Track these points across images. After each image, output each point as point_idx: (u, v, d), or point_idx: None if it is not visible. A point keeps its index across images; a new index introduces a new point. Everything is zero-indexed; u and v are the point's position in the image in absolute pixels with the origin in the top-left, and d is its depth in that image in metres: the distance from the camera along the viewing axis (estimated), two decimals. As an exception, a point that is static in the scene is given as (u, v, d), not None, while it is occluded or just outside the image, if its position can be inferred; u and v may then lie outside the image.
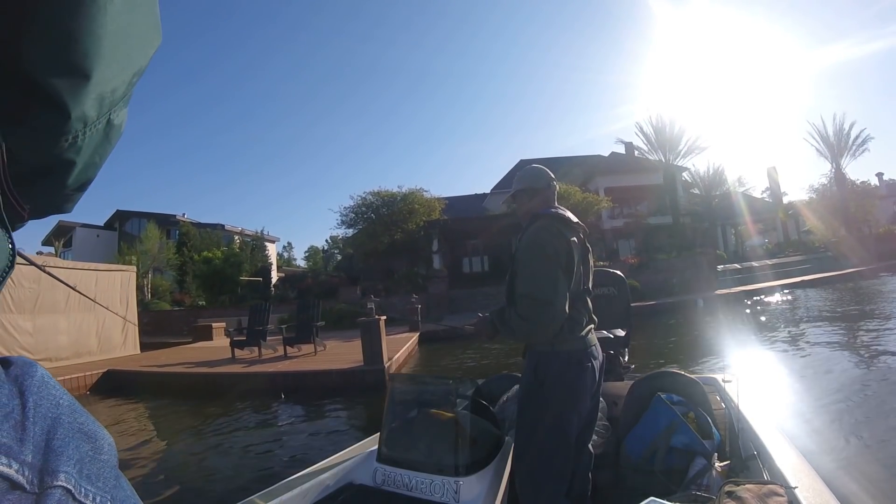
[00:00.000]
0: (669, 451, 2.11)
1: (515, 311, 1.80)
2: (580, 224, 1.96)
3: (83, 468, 0.33)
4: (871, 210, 29.97)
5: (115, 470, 0.36)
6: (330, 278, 24.51)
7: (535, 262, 1.80)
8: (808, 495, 1.45)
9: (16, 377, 0.33)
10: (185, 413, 6.64)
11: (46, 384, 0.34)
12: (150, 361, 9.87)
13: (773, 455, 1.78)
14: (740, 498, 1.41)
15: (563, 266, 1.79)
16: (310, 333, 9.38)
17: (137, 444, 5.24)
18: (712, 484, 1.86)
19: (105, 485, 0.34)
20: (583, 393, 1.83)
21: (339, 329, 14.28)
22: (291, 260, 59.20)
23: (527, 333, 1.82)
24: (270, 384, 7.38)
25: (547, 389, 1.80)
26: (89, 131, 0.34)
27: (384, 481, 1.85)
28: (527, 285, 1.78)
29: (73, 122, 0.33)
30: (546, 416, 1.80)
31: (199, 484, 4.02)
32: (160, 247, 27.86)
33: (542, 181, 2.02)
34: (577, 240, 1.90)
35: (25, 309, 9.28)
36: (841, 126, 28.79)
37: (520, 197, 2.06)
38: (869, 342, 7.77)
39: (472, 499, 1.71)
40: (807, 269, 21.56)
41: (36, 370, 0.35)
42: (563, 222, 1.89)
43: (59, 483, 0.30)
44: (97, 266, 12.09)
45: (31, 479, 0.29)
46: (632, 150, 30.06)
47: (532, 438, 1.84)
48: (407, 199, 22.51)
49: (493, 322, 1.92)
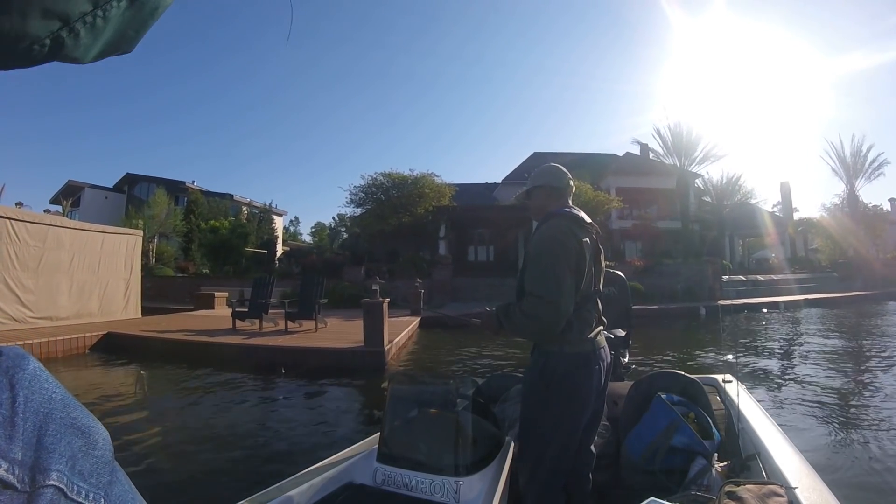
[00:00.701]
0: (670, 451, 2.12)
1: (520, 308, 1.81)
2: (593, 225, 1.96)
3: (76, 464, 0.32)
4: (880, 234, 29.79)
5: (111, 465, 0.35)
6: (335, 256, 24.58)
7: (544, 260, 1.81)
8: (808, 495, 1.45)
9: (6, 369, 0.32)
10: (182, 380, 6.68)
11: (39, 378, 0.33)
12: (150, 326, 9.94)
13: (773, 455, 1.78)
14: (740, 498, 1.41)
15: (573, 266, 1.79)
16: (312, 310, 9.41)
17: (132, 410, 5.25)
18: (712, 484, 1.87)
19: (98, 481, 0.33)
20: (588, 395, 1.83)
21: (342, 308, 14.35)
22: (297, 234, 59.16)
23: (530, 331, 1.84)
24: (270, 358, 7.43)
25: (552, 390, 1.81)
26: (85, 24, 0.31)
27: (384, 481, 1.85)
28: (534, 283, 1.80)
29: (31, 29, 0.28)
30: (549, 415, 1.82)
31: (188, 450, 4.03)
32: (167, 213, 27.96)
33: (561, 180, 2.02)
34: (590, 241, 1.90)
35: (29, 267, 9.33)
36: (858, 148, 28.70)
37: (536, 193, 2.06)
38: (869, 351, 7.82)
39: (472, 499, 1.71)
40: (812, 288, 21.49)
41: (28, 363, 0.33)
42: (576, 222, 1.90)
43: (51, 482, 0.30)
44: (104, 228, 12.15)
45: (21, 478, 0.28)
46: (647, 153, 29.86)
47: (534, 437, 1.87)
48: (418, 182, 22.36)
49: (499, 317, 1.92)
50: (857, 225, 28.01)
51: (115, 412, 5.05)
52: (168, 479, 3.44)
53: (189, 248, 27.99)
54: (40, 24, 0.29)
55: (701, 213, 28.63)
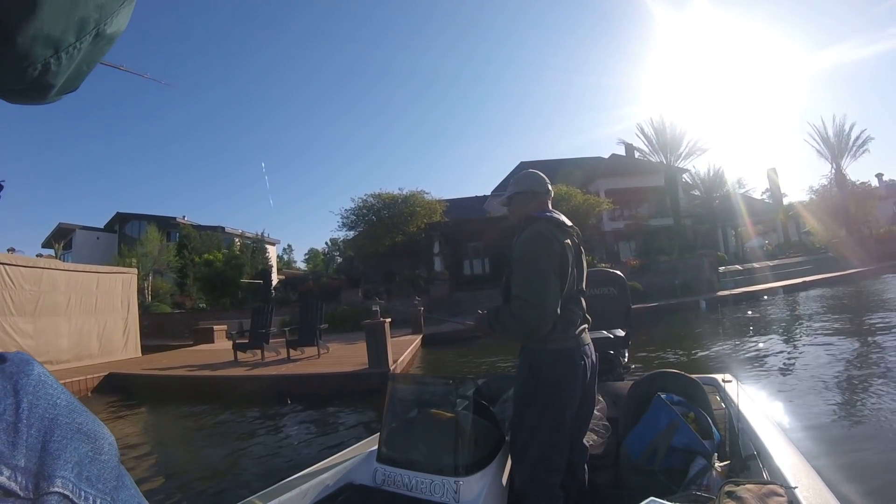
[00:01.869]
0: (669, 451, 2.13)
1: (509, 311, 1.88)
2: (573, 227, 2.04)
3: (82, 470, 0.32)
4: (871, 211, 30.00)
5: (117, 469, 0.36)
6: (331, 280, 24.53)
7: (529, 264, 1.87)
8: (808, 495, 1.46)
9: (10, 374, 0.32)
10: (188, 417, 6.62)
11: (43, 383, 0.33)
12: (151, 364, 9.87)
13: (773, 455, 1.79)
14: (740, 498, 1.41)
15: (557, 269, 1.86)
16: (313, 336, 9.35)
17: (139, 447, 5.24)
18: (712, 484, 1.87)
19: (105, 486, 0.33)
20: (572, 390, 1.89)
21: (341, 331, 14.31)
22: (291, 262, 59.14)
23: (519, 332, 1.90)
24: (275, 387, 7.36)
25: (541, 385, 1.88)
26: (67, 54, 0.34)
27: (384, 481, 1.86)
28: (520, 287, 1.87)
29: (34, 53, 0.31)
30: (540, 410, 1.88)
31: (203, 488, 4.02)
32: (160, 249, 27.84)
33: (540, 186, 2.11)
34: (571, 243, 1.98)
35: (26, 311, 9.26)
36: (841, 127, 28.85)
37: (517, 199, 2.14)
38: (870, 342, 7.78)
39: (472, 499, 1.72)
40: (808, 271, 21.54)
41: (32, 368, 0.34)
42: (557, 226, 1.97)
43: (55, 489, 0.29)
44: (98, 268, 12.10)
45: (24, 485, 0.28)
46: (632, 152, 30.07)
47: (528, 432, 1.91)
48: (408, 201, 22.45)
49: (489, 319, 2.02)
50: (846, 203, 28.19)
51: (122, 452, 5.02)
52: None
53: (184, 283, 27.79)
54: (42, 48, 0.31)
55: (691, 208, 28.78)
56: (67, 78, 0.36)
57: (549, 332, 1.85)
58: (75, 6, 0.32)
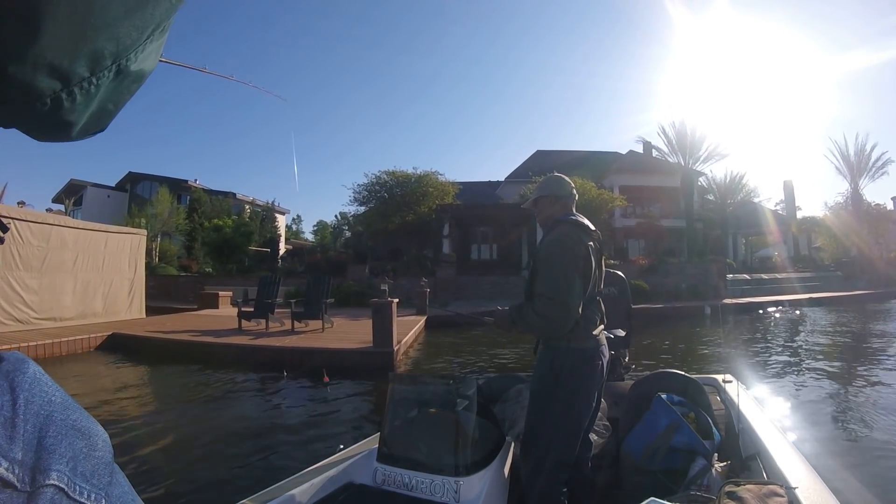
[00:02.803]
0: (670, 451, 2.14)
1: (533, 308, 1.92)
2: (596, 231, 2.11)
3: (77, 465, 0.33)
4: (883, 233, 29.63)
5: (111, 466, 0.37)
6: (338, 254, 24.61)
7: (555, 264, 1.93)
8: (808, 495, 1.47)
9: (7, 373, 0.33)
10: (188, 382, 6.64)
11: (38, 381, 0.34)
12: (155, 327, 9.92)
13: (773, 455, 1.81)
14: (740, 498, 1.42)
15: (581, 270, 1.92)
16: (319, 309, 9.33)
17: (137, 411, 5.26)
18: (712, 484, 1.89)
19: (100, 482, 0.34)
20: (592, 389, 1.96)
21: (347, 307, 14.37)
22: (300, 233, 59.12)
23: (542, 329, 1.96)
24: (278, 358, 7.34)
25: (562, 382, 1.92)
26: (81, 90, 0.32)
27: (384, 481, 1.86)
28: (546, 285, 1.92)
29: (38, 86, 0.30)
30: (559, 406, 1.92)
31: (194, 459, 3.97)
32: (170, 211, 27.95)
33: (565, 190, 2.18)
34: (594, 245, 2.04)
35: (32, 267, 9.26)
36: (862, 147, 28.60)
37: (542, 202, 2.21)
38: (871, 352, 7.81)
39: (472, 499, 1.73)
40: (815, 287, 21.45)
41: (28, 367, 0.34)
42: (582, 229, 2.04)
43: (51, 482, 0.30)
44: (108, 228, 12.11)
45: (21, 477, 0.29)
46: (650, 150, 29.75)
47: (544, 427, 1.95)
48: (421, 180, 22.36)
49: (512, 316, 2.05)
50: (860, 224, 27.90)
51: (121, 412, 5.10)
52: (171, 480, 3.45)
53: (192, 246, 28.01)
54: (46, 81, 0.30)
55: (705, 212, 28.54)
56: (91, 116, 0.36)
57: (571, 331, 1.90)
58: (82, 37, 0.30)
